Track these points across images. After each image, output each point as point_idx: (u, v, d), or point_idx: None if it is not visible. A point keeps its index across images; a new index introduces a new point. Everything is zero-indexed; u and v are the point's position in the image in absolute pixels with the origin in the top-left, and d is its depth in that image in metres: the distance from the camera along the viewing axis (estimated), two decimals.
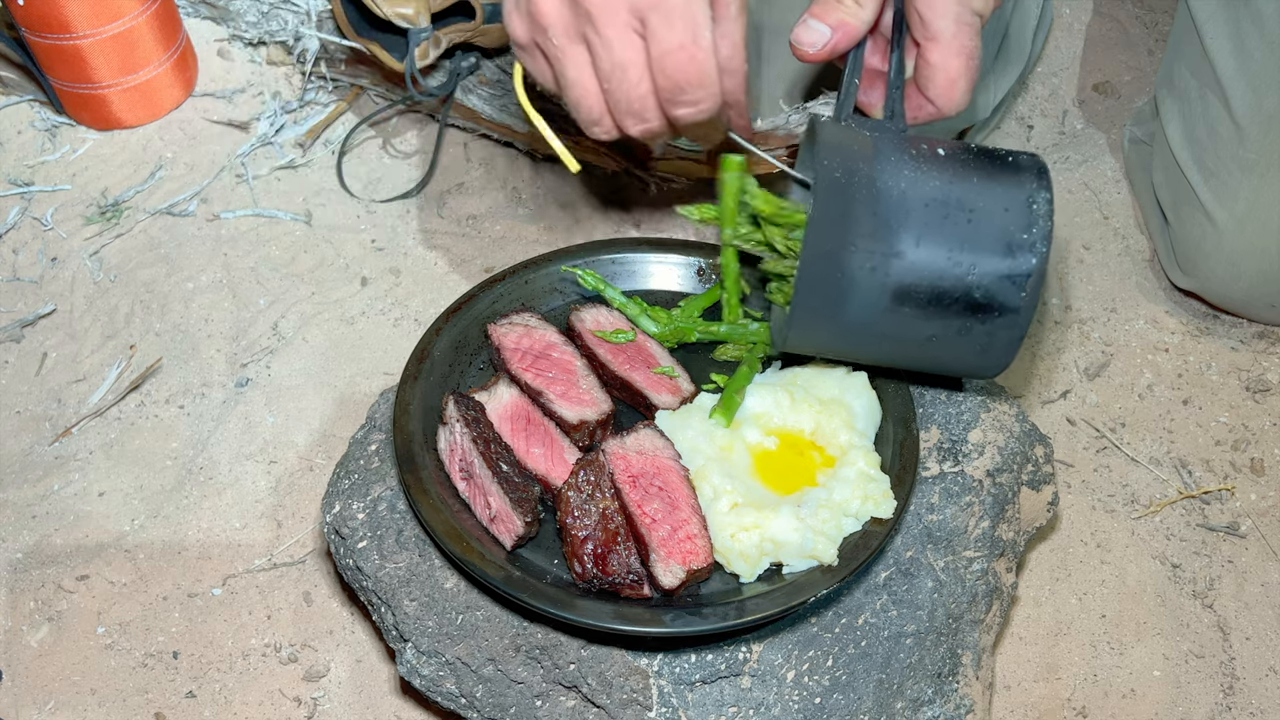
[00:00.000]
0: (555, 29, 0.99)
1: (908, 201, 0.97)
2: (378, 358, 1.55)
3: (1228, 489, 1.45)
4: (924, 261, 0.96)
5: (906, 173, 0.98)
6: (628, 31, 0.97)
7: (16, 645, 1.29)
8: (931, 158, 0.99)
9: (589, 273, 1.24)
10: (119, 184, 1.76)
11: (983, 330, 0.99)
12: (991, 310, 0.98)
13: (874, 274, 0.96)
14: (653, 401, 1.14)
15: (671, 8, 0.95)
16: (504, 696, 1.02)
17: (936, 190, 0.97)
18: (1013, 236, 0.97)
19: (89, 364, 1.55)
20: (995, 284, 0.97)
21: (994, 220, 0.97)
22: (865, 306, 0.98)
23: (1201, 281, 1.56)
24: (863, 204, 0.96)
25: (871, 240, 0.96)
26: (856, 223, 0.96)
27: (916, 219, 0.96)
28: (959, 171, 0.99)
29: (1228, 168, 1.47)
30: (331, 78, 1.87)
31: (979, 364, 1.04)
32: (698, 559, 0.99)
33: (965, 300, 0.98)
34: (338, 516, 1.11)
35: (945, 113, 1.06)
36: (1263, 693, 1.28)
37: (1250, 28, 1.42)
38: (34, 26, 1.68)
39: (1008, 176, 1.00)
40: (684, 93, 0.98)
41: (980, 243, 0.97)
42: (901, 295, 0.97)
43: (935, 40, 1.03)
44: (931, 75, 1.04)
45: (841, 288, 0.97)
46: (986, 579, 1.10)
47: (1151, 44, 2.01)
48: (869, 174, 0.97)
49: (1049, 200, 0.98)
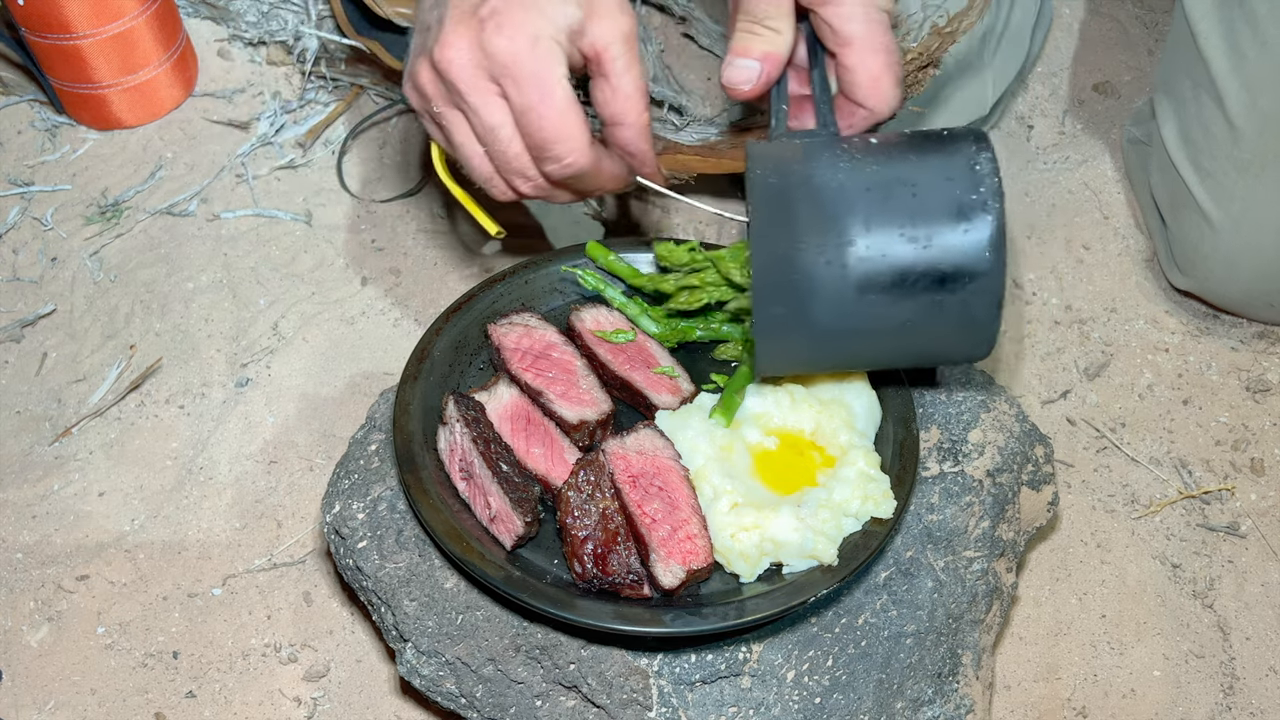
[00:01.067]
0: (434, 99, 1.04)
1: (847, 190, 0.95)
2: (378, 358, 1.55)
3: (1228, 489, 1.45)
4: (878, 244, 0.94)
5: (842, 164, 0.97)
6: (490, 96, 1.01)
7: (16, 645, 1.29)
8: (864, 147, 0.99)
9: (589, 272, 1.24)
10: (119, 184, 1.76)
11: (956, 302, 0.96)
12: (960, 279, 0.95)
13: (831, 267, 0.94)
14: (653, 401, 1.14)
15: (518, 72, 0.98)
16: (504, 696, 1.02)
17: (874, 174, 0.96)
18: (962, 200, 0.95)
19: (89, 364, 1.55)
20: (956, 251, 0.94)
21: (938, 189, 0.95)
22: (831, 304, 0.95)
23: (1199, 281, 1.57)
24: (802, 201, 0.95)
25: (819, 234, 0.94)
26: (799, 220, 0.94)
27: (860, 204, 0.95)
28: (894, 153, 0.98)
29: (1223, 168, 1.47)
30: (331, 77, 1.87)
31: (965, 342, 1.01)
32: (698, 559, 0.99)
33: (931, 274, 0.95)
34: (338, 516, 1.11)
35: (879, 113, 1.06)
36: (1263, 693, 1.28)
37: (1244, 28, 1.42)
38: (34, 26, 1.68)
39: (945, 146, 0.98)
40: (546, 150, 1.01)
41: (929, 213, 0.95)
42: (865, 283, 0.95)
43: (849, 44, 1.03)
44: (854, 78, 1.05)
45: (802, 289, 0.95)
46: (986, 579, 1.10)
47: (1151, 44, 2.01)
48: (804, 173, 0.96)
49: (991, 159, 0.96)
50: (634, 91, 1.02)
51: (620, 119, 1.04)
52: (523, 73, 0.98)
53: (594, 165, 1.04)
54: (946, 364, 1.12)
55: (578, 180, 1.06)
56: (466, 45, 0.99)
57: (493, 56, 0.98)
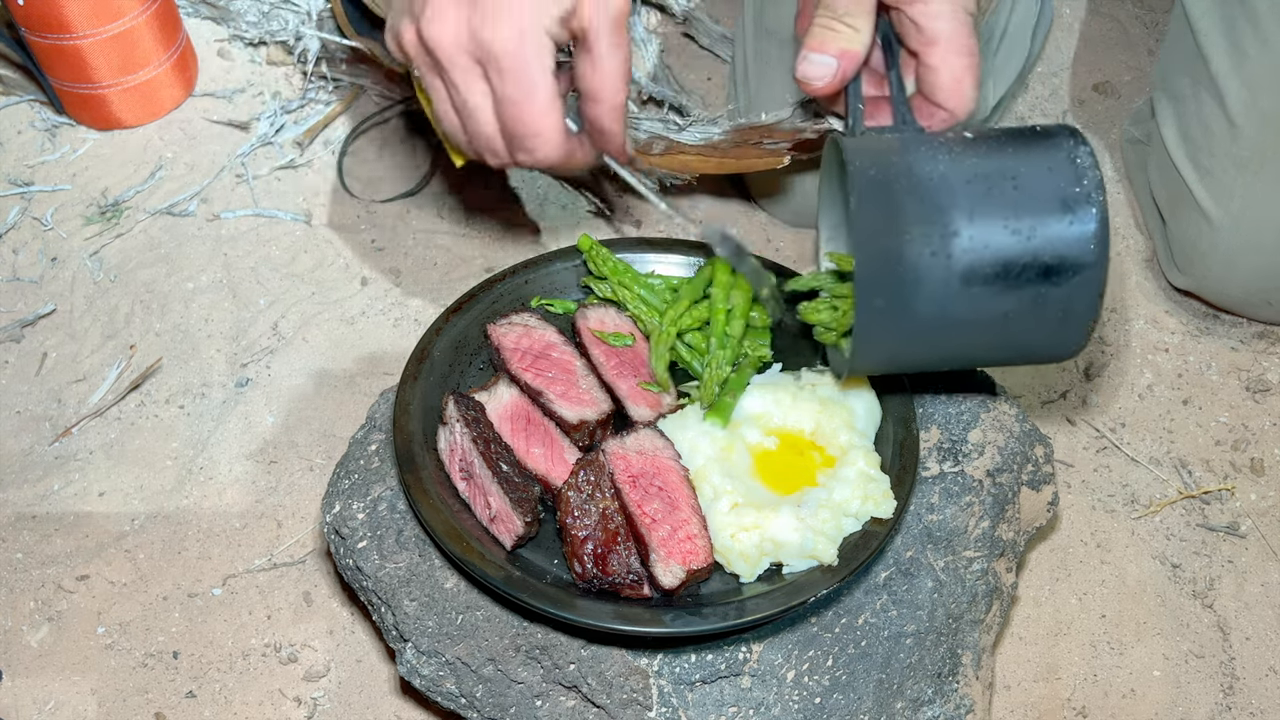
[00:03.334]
0: (416, 63, 1.05)
1: (950, 181, 0.95)
2: (378, 358, 1.55)
3: (1228, 489, 1.45)
4: (983, 234, 0.94)
5: (941, 156, 0.97)
6: (473, 79, 1.02)
7: (16, 645, 1.29)
8: (960, 141, 0.98)
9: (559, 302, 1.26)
10: (119, 184, 1.76)
11: (1059, 295, 0.96)
12: (1064, 271, 0.95)
13: (936, 258, 0.94)
14: (628, 412, 1.14)
15: (505, 64, 0.98)
16: (504, 696, 1.02)
17: (974, 166, 0.96)
18: (1065, 192, 0.95)
19: (89, 364, 1.55)
20: (1061, 243, 0.95)
21: (1041, 182, 0.96)
22: (936, 295, 0.95)
23: (1198, 280, 1.57)
24: (905, 192, 0.94)
25: (925, 225, 0.93)
26: (905, 211, 0.94)
27: (963, 195, 0.94)
28: (992, 146, 0.98)
29: (1223, 166, 1.47)
30: (332, 78, 1.87)
31: (1061, 335, 1.00)
32: (698, 559, 0.99)
33: (1035, 266, 0.95)
34: (338, 516, 1.11)
35: (957, 114, 1.06)
36: (1263, 693, 1.28)
37: (1245, 25, 1.42)
38: (34, 26, 1.68)
39: (1042, 140, 0.98)
40: (523, 142, 1.03)
41: (1033, 205, 0.95)
42: (969, 274, 0.94)
43: (934, 43, 1.03)
44: (936, 79, 1.04)
45: (907, 280, 0.94)
46: (986, 579, 1.10)
47: (1151, 44, 2.00)
48: (904, 164, 0.96)
49: (1090, 153, 0.97)
50: (615, 71, 1.02)
51: (597, 95, 1.03)
52: (508, 65, 0.98)
53: (564, 159, 1.05)
54: (1035, 363, 1.10)
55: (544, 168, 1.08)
56: (454, 25, 0.99)
57: (481, 44, 0.98)
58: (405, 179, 1.77)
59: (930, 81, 1.05)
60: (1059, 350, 1.03)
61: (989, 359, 1.06)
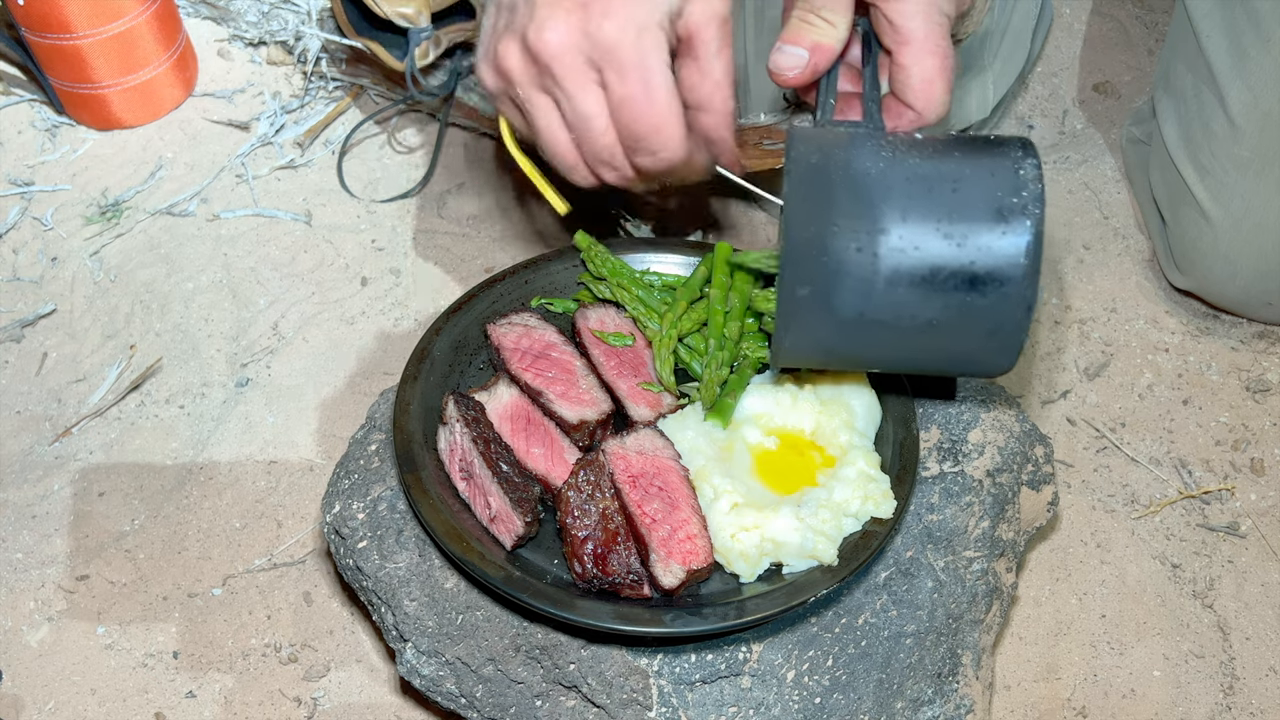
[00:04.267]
0: (520, 82, 1.00)
1: (888, 178, 0.93)
2: (378, 358, 1.55)
3: (1228, 489, 1.45)
4: (912, 236, 0.92)
5: (884, 154, 0.95)
6: (587, 83, 0.97)
7: (16, 645, 1.29)
8: (909, 141, 0.97)
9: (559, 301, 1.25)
10: (119, 184, 1.76)
11: (986, 305, 0.94)
12: (992, 282, 0.93)
13: (861, 255, 0.92)
14: (628, 412, 1.14)
15: (623, 60, 0.95)
16: (504, 696, 1.02)
17: (917, 166, 0.94)
18: (1002, 202, 0.93)
19: (89, 364, 1.55)
20: (991, 253, 0.92)
21: (980, 187, 0.93)
22: (858, 291, 0.93)
23: (1199, 280, 1.57)
24: (841, 185, 0.93)
25: (854, 219, 0.92)
26: (835, 203, 0.92)
27: (899, 193, 0.93)
28: (939, 149, 0.96)
29: (1224, 166, 1.47)
30: (332, 78, 1.87)
31: (991, 349, 0.98)
32: (698, 559, 0.99)
33: (963, 274, 0.93)
34: (338, 516, 1.11)
35: (926, 116, 1.05)
36: (1263, 693, 1.28)
37: (1246, 25, 1.42)
38: (34, 26, 1.68)
39: (990, 149, 0.97)
40: (642, 143, 0.99)
41: (969, 211, 0.93)
42: (895, 276, 0.93)
43: (907, 42, 1.02)
44: (907, 78, 1.03)
45: (830, 272, 0.93)
46: (986, 579, 1.10)
47: (1151, 44, 2.01)
48: (845, 157, 0.95)
49: (1036, 166, 0.95)
50: (723, 77, 0.99)
51: (707, 104, 1.00)
52: (627, 62, 0.95)
53: (686, 160, 1.01)
54: (967, 374, 1.08)
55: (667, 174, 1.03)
56: (567, 29, 0.95)
57: (597, 43, 0.95)
58: (405, 179, 1.77)
59: (901, 81, 1.04)
60: (988, 365, 1.01)
61: (917, 365, 1.04)
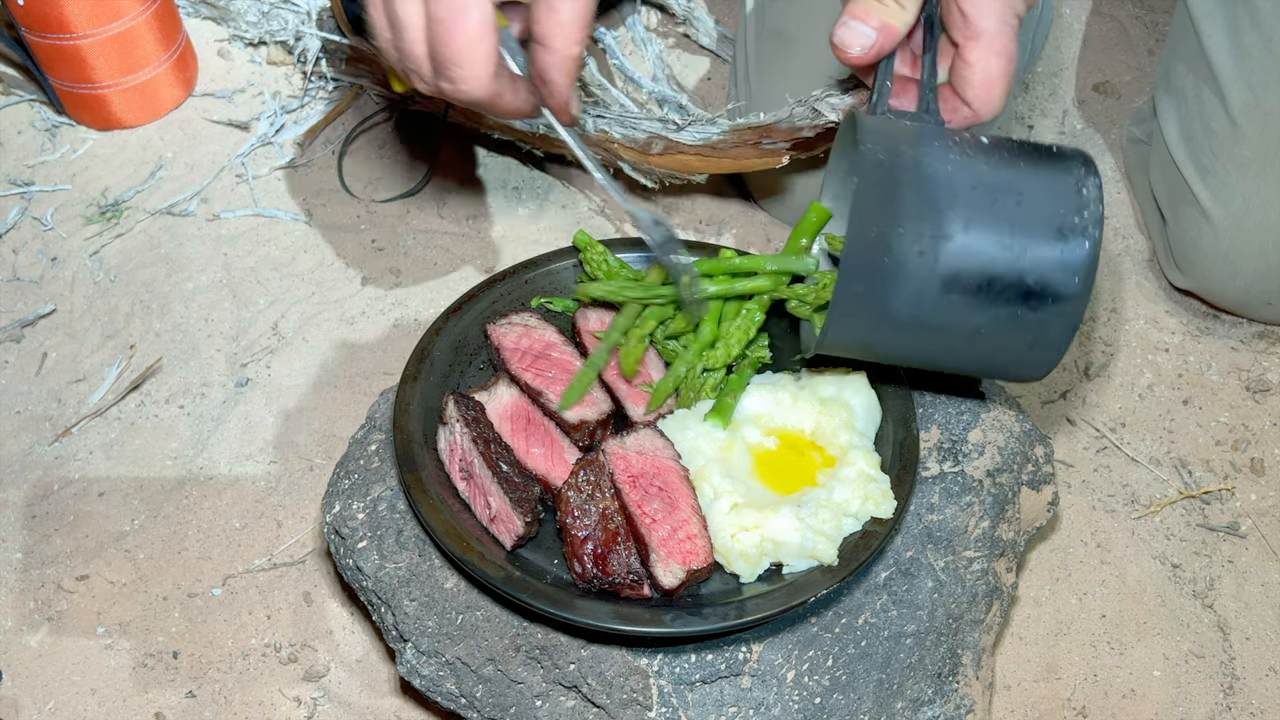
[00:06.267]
0: None
1: (955, 184, 0.93)
2: (378, 358, 1.55)
3: (1228, 489, 1.45)
4: (974, 245, 0.93)
5: (952, 156, 0.95)
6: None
7: (16, 645, 1.29)
8: (975, 144, 0.97)
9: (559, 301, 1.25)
10: (119, 184, 1.76)
11: (1035, 320, 0.95)
12: (1044, 298, 0.94)
13: (922, 258, 0.92)
14: (627, 412, 1.14)
15: None
16: (504, 696, 1.02)
17: (984, 174, 0.95)
18: (1064, 220, 0.94)
19: (89, 364, 1.55)
20: (1048, 269, 0.94)
21: (1043, 204, 0.94)
22: (913, 294, 0.93)
23: (1198, 280, 1.57)
24: (909, 185, 0.93)
25: (919, 222, 0.92)
26: (903, 204, 0.92)
27: (964, 201, 0.93)
28: (1005, 157, 0.96)
29: (1224, 166, 1.47)
30: (331, 78, 1.87)
31: (1028, 360, 1.00)
32: (698, 559, 0.99)
33: (1017, 287, 0.94)
34: (338, 516, 1.11)
35: (980, 116, 1.04)
36: (1263, 693, 1.28)
37: (1247, 25, 1.42)
38: (34, 26, 1.68)
39: (1055, 162, 0.97)
40: (445, 67, 0.97)
41: (1030, 226, 0.94)
42: (951, 281, 0.93)
43: (977, 39, 1.01)
44: (970, 75, 1.02)
45: (889, 273, 0.93)
46: (986, 579, 1.10)
47: (1151, 44, 2.01)
48: (914, 156, 0.94)
49: (1098, 185, 0.96)
50: (570, 20, 0.97)
51: (546, 41, 0.98)
52: None
53: (491, 98, 0.99)
54: (999, 378, 1.09)
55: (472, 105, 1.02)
56: None
57: None
58: (405, 179, 1.77)
59: (963, 76, 1.03)
60: (1020, 374, 1.03)
61: (951, 366, 1.05)
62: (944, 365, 1.05)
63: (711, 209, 1.74)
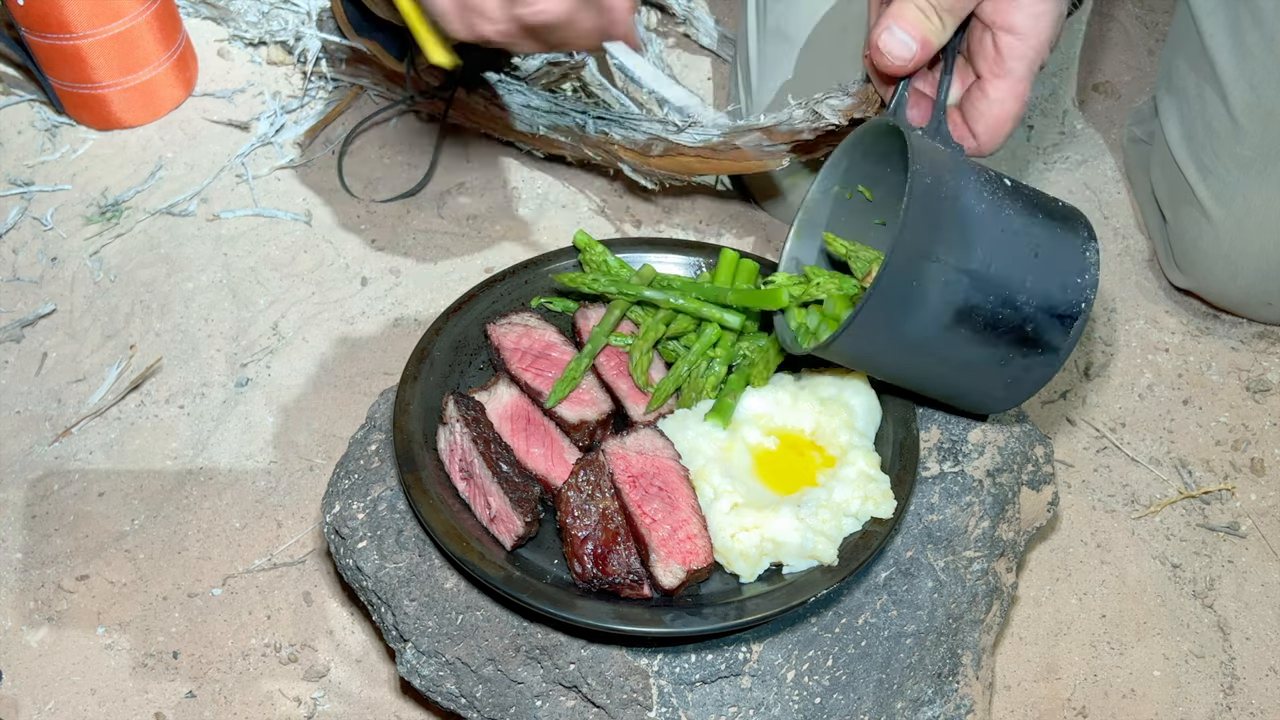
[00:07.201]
0: None
1: (986, 223, 0.96)
2: (378, 358, 1.55)
3: (1228, 489, 1.45)
4: (992, 285, 0.96)
5: (985, 195, 0.98)
6: None
7: (16, 645, 1.29)
8: (1001, 187, 1.00)
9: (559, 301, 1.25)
10: (119, 184, 1.76)
11: (1021, 364, 1.00)
12: (1037, 346, 0.99)
13: (945, 288, 0.95)
14: (628, 412, 1.14)
15: None
16: (504, 696, 1.02)
17: (1010, 219, 0.98)
18: (1067, 278, 0.99)
19: (89, 364, 1.55)
20: (1046, 321, 0.99)
21: (1056, 259, 0.99)
22: (926, 320, 0.96)
23: (1199, 280, 1.56)
24: (948, 216, 0.95)
25: (951, 253, 0.95)
26: (941, 233, 0.94)
27: (991, 241, 0.96)
28: (1025, 206, 1.00)
29: (1225, 165, 1.47)
30: (331, 78, 1.87)
31: (997, 398, 1.05)
32: (698, 559, 0.99)
33: (1018, 332, 0.98)
34: (338, 516, 1.11)
35: (984, 149, 1.06)
36: (1263, 693, 1.28)
37: (1249, 24, 1.42)
38: (34, 26, 1.68)
39: (1064, 221, 1.01)
40: None
41: (1042, 278, 0.98)
42: (963, 315, 0.96)
43: (1003, 78, 1.02)
44: (986, 110, 1.04)
45: (914, 296, 0.95)
46: (986, 579, 1.10)
47: (1151, 44, 2.00)
48: (954, 188, 0.97)
49: (1098, 251, 1.01)
50: None
51: None
52: None
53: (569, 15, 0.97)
54: (962, 407, 1.13)
55: (548, 31, 0.99)
56: None
57: None
58: (405, 179, 1.77)
59: (979, 109, 1.04)
60: (984, 408, 1.09)
61: (927, 390, 1.08)
62: (921, 387, 1.08)
63: (711, 209, 1.74)
